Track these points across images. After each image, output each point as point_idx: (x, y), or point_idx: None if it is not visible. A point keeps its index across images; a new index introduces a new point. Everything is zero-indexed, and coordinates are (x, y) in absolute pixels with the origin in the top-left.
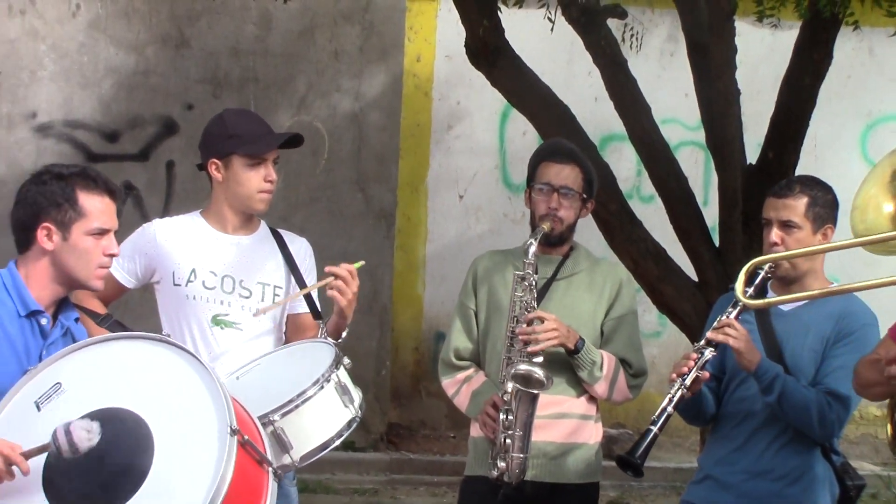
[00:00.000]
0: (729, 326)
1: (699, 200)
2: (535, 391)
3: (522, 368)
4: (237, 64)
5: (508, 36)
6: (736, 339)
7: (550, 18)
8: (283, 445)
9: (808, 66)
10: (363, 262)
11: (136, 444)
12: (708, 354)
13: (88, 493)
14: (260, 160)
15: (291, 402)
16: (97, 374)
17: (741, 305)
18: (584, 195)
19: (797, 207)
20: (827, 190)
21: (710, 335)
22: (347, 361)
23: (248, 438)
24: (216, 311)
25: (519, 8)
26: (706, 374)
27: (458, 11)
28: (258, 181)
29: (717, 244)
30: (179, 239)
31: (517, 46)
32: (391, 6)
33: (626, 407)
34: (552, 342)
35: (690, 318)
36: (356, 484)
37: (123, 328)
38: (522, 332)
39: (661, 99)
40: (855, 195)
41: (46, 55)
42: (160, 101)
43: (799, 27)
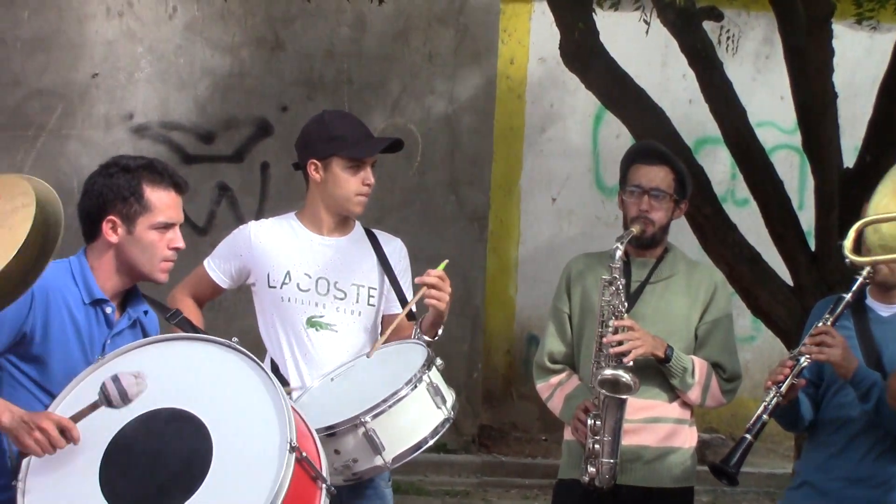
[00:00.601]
0: (825, 334)
1: (794, 204)
2: (622, 396)
3: (609, 373)
4: (331, 66)
5: (602, 38)
6: (830, 350)
7: (646, 20)
8: (374, 447)
9: None
10: (447, 260)
11: (195, 448)
12: (804, 362)
13: (144, 492)
14: (360, 163)
15: (383, 403)
16: (163, 372)
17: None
18: (675, 196)
19: None
20: None
21: (804, 349)
22: (440, 362)
23: (305, 455)
24: (311, 312)
25: (614, 10)
26: (802, 381)
27: (552, 14)
28: (356, 184)
29: (812, 248)
30: (274, 241)
31: (611, 48)
32: (485, 9)
33: (719, 412)
34: (638, 352)
35: (785, 322)
36: (447, 486)
37: (191, 325)
38: (609, 340)
39: (756, 102)
40: (868, 208)
41: (143, 57)
42: (255, 102)
43: None
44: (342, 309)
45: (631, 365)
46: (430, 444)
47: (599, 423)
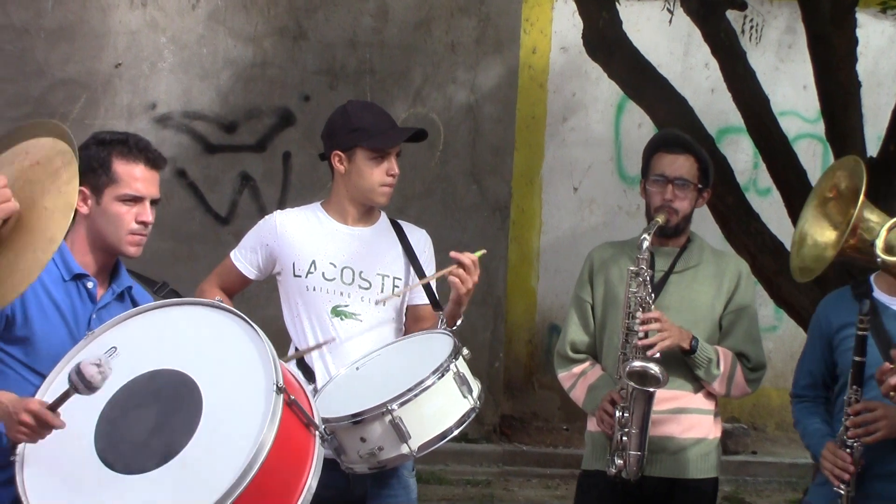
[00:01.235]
0: (866, 410)
1: None
2: (650, 389)
3: (637, 365)
4: (354, 56)
5: (625, 27)
6: (877, 425)
7: (670, 9)
8: (401, 435)
9: None
10: (485, 250)
11: (185, 404)
12: (858, 446)
13: (136, 448)
14: (383, 154)
15: (410, 391)
16: (151, 337)
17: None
18: (699, 185)
19: None
20: None
21: (851, 433)
22: (466, 352)
23: (294, 399)
24: (336, 301)
25: (639, 0)
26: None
27: (575, 4)
28: (381, 174)
29: None
30: (300, 230)
31: (633, 38)
32: None
33: (741, 402)
34: (664, 344)
35: (808, 312)
36: (469, 475)
37: (178, 296)
38: (643, 322)
39: (779, 91)
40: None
41: (166, 47)
42: (277, 92)
43: None
44: (367, 298)
45: (659, 357)
46: (455, 433)
47: (627, 415)
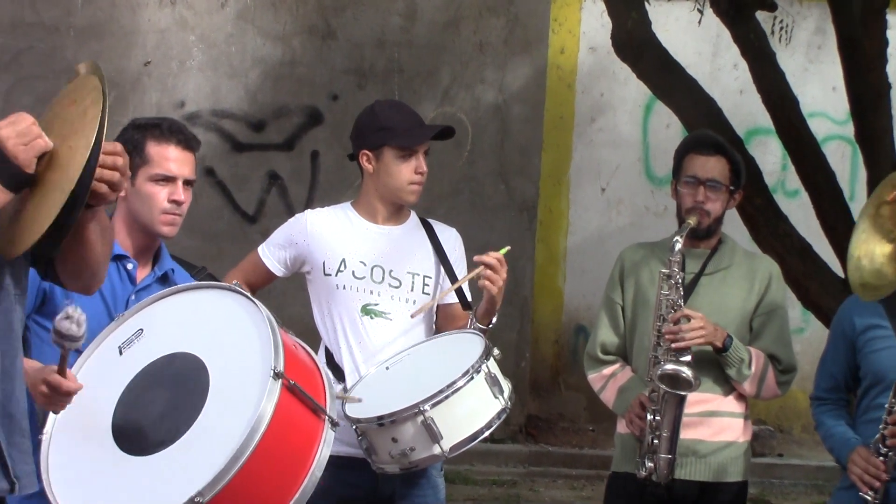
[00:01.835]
0: None
1: (846, 195)
2: (682, 392)
3: (669, 368)
4: (382, 55)
5: (654, 28)
6: None
7: (699, 10)
8: (433, 435)
9: None
10: (509, 247)
11: (196, 388)
12: (893, 456)
13: (146, 434)
14: (411, 152)
15: (441, 392)
16: (173, 320)
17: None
18: (731, 187)
19: None
20: None
21: (891, 442)
22: (497, 352)
23: (294, 383)
24: (366, 300)
25: (667, 0)
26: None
27: (604, 4)
28: (409, 173)
29: None
30: (330, 229)
31: (662, 39)
32: None
33: (767, 404)
34: (698, 341)
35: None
36: (495, 475)
37: (214, 280)
38: (669, 331)
39: (808, 92)
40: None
41: (195, 45)
42: (306, 91)
43: None
44: (397, 297)
45: (691, 361)
46: (487, 434)
47: (658, 418)
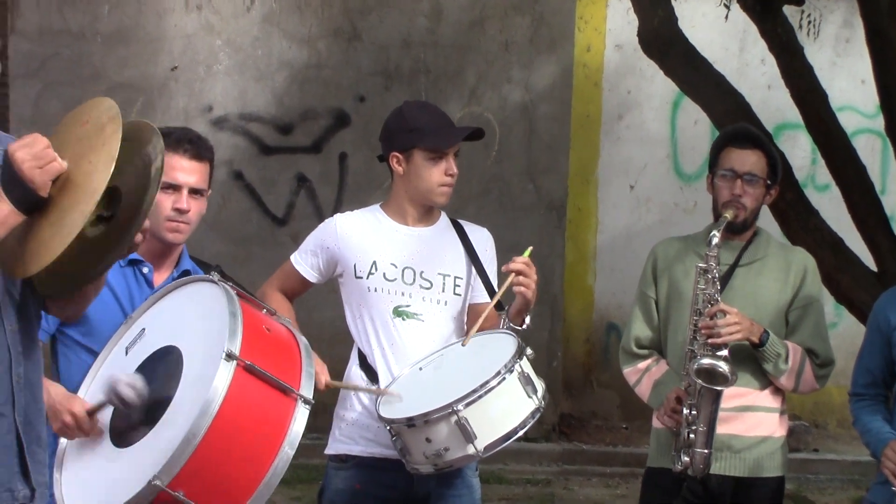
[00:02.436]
0: None
1: (877, 188)
2: (718, 388)
3: (706, 363)
4: (408, 56)
5: (680, 24)
6: None
7: (726, 5)
8: (467, 435)
9: None
10: (532, 247)
11: (172, 376)
12: None
13: (130, 427)
14: (441, 154)
15: (475, 392)
16: (166, 317)
17: None
18: (768, 181)
19: None
20: None
21: None
22: (530, 352)
23: (251, 363)
24: (397, 302)
25: None
26: None
27: (630, 1)
28: (439, 175)
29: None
30: (360, 232)
31: (689, 34)
32: None
33: (802, 399)
34: (735, 336)
35: (869, 308)
36: (529, 474)
37: (226, 277)
38: (705, 325)
39: (836, 86)
40: None
41: (222, 49)
42: (332, 93)
43: None
44: (428, 298)
45: (727, 355)
46: (521, 433)
47: (695, 412)
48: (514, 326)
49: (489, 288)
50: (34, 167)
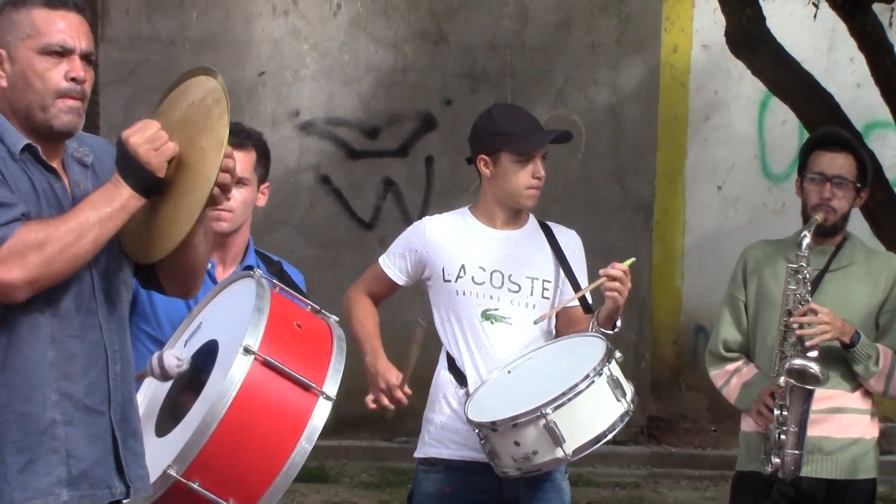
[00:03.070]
0: None
1: None
2: (810, 387)
3: (797, 363)
4: (494, 58)
5: (768, 24)
6: None
7: (815, 3)
8: (555, 439)
9: None
10: (634, 258)
11: (207, 370)
12: None
13: (166, 418)
14: (528, 157)
15: (563, 395)
16: (217, 311)
17: None
18: (857, 184)
19: None
20: None
21: None
22: (619, 355)
23: (269, 358)
24: (486, 305)
25: None
26: None
27: (717, 1)
28: (526, 178)
29: None
30: (449, 235)
31: (776, 34)
32: None
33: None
34: (826, 336)
35: None
36: (617, 477)
37: (284, 275)
38: (796, 321)
39: None
40: None
41: (308, 54)
42: (419, 97)
43: None
44: (516, 302)
45: (818, 355)
46: (610, 437)
47: (786, 413)
48: (601, 331)
49: (577, 290)
50: (150, 149)
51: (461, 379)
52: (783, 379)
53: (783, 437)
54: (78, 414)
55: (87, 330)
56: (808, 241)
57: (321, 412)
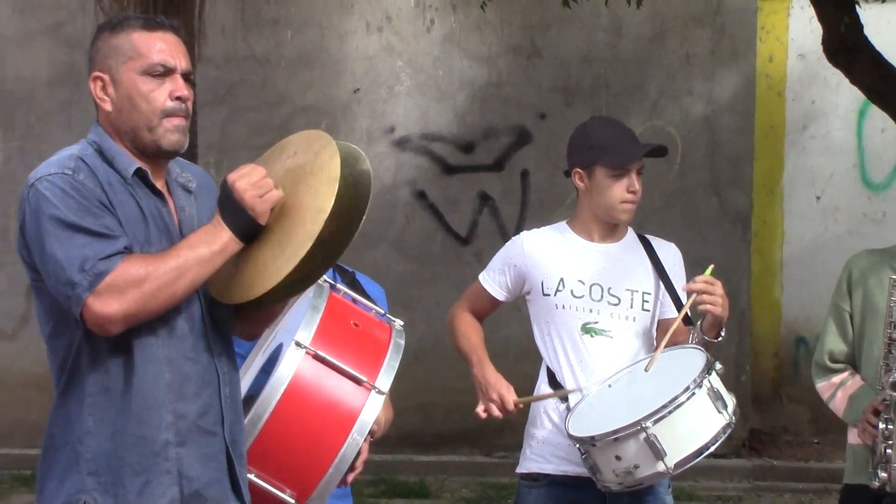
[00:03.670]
0: None
1: None
2: None
3: None
4: (588, 71)
5: (866, 31)
6: None
7: None
8: (656, 452)
9: None
10: (713, 265)
11: (272, 369)
12: None
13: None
14: (623, 171)
15: (663, 408)
16: (287, 319)
17: None
18: None
19: None
20: None
21: None
22: (720, 367)
23: (320, 352)
24: (585, 319)
25: (882, 2)
26: None
27: (814, 10)
28: (621, 192)
29: None
30: (547, 249)
31: (874, 41)
32: (742, 7)
33: None
34: None
35: None
36: (719, 491)
37: (355, 284)
38: None
39: None
40: None
41: (403, 70)
42: (513, 111)
43: None
44: (616, 315)
45: None
46: (711, 449)
47: (891, 426)
48: (707, 339)
49: (678, 303)
50: (255, 196)
51: (562, 397)
52: (889, 393)
53: (889, 451)
54: (191, 435)
55: (199, 352)
56: None
57: (372, 406)
